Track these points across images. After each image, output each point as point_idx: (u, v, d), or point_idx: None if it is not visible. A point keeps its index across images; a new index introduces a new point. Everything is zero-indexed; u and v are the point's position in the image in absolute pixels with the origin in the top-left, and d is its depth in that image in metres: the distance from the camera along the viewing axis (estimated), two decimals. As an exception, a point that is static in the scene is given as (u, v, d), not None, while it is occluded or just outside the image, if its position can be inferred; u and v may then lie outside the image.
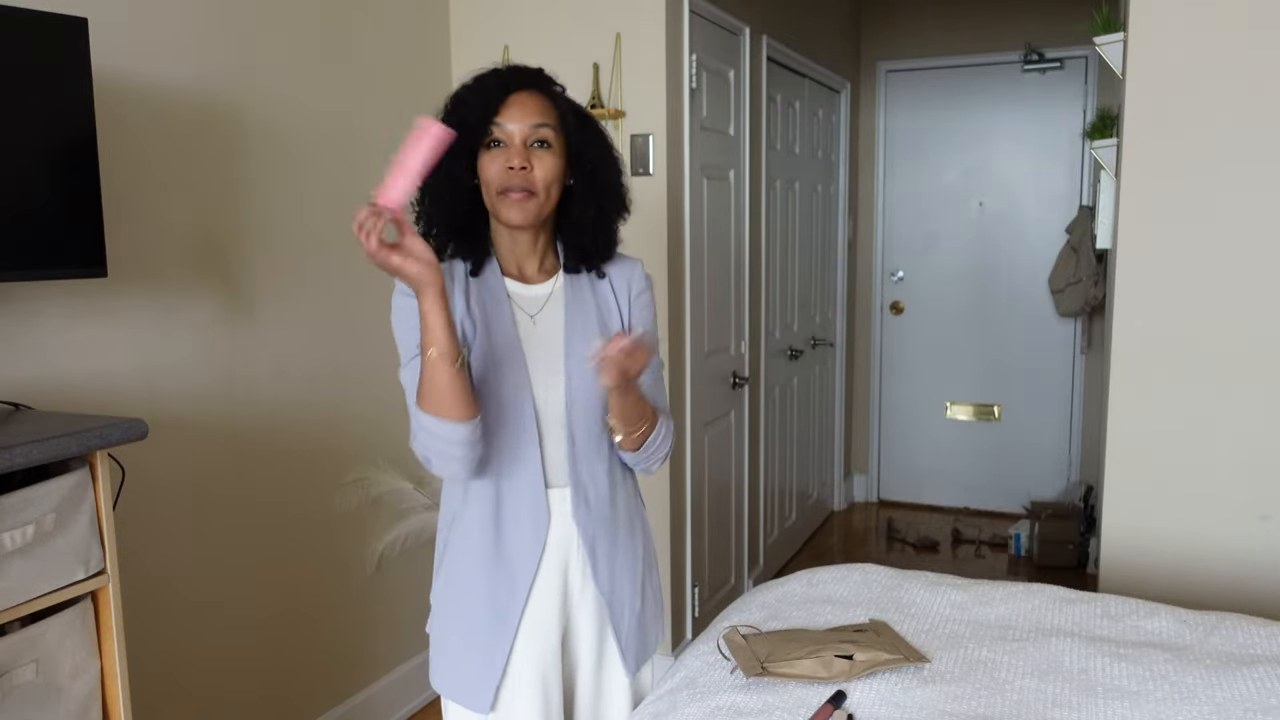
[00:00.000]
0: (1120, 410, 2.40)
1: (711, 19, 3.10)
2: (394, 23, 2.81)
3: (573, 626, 1.54)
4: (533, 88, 1.44)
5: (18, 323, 1.85)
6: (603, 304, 1.54)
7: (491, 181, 1.42)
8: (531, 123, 1.41)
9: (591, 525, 1.50)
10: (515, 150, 1.41)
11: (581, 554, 1.50)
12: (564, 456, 1.47)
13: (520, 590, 1.47)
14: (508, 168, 1.40)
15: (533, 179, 1.41)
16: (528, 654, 1.49)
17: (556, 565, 1.49)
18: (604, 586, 1.52)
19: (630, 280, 1.56)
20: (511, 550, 1.46)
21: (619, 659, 1.57)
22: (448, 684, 1.53)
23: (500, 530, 1.46)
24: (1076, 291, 4.43)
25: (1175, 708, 1.45)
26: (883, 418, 5.15)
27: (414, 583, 2.94)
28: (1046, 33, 4.55)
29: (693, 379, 3.06)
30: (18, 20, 1.59)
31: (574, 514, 1.48)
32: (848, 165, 4.80)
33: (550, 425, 1.47)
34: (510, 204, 1.42)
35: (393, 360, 1.54)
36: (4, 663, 1.46)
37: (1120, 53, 2.41)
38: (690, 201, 2.97)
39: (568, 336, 1.48)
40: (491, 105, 1.41)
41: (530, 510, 1.46)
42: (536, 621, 1.49)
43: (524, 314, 1.49)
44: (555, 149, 1.43)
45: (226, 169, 2.29)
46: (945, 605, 1.84)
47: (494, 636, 1.48)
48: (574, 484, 1.48)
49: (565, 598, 1.51)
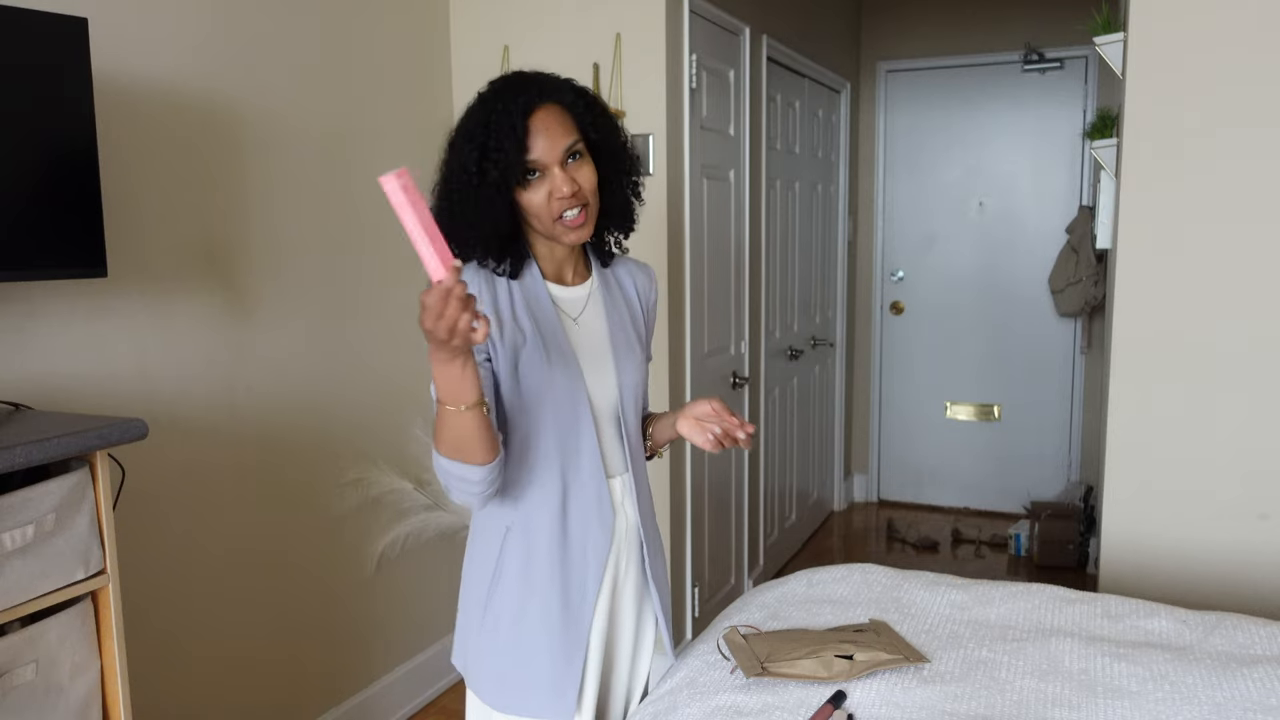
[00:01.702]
0: (1120, 410, 2.40)
1: (711, 19, 3.10)
2: (394, 23, 2.81)
3: (616, 609, 1.56)
4: (546, 100, 1.39)
5: (18, 323, 1.85)
6: (630, 304, 1.59)
7: (542, 212, 1.38)
8: (561, 137, 1.37)
9: (645, 513, 1.56)
10: (559, 177, 1.36)
11: (634, 541, 1.55)
12: (618, 448, 1.52)
13: (592, 585, 1.47)
14: (557, 198, 1.37)
15: (583, 195, 1.39)
16: (594, 646, 1.50)
17: (614, 554, 1.52)
18: (653, 571, 1.58)
19: (649, 289, 1.64)
20: (580, 543, 1.47)
21: (662, 636, 1.64)
22: (524, 702, 1.46)
23: (567, 525, 1.46)
24: (1076, 291, 4.43)
25: (1175, 708, 1.45)
26: (883, 418, 5.15)
27: (414, 583, 2.94)
28: (1046, 33, 4.55)
29: (693, 379, 3.06)
30: (18, 20, 1.59)
31: (635, 502, 1.54)
32: (848, 165, 4.80)
33: (605, 419, 1.50)
34: (570, 229, 1.40)
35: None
36: (4, 663, 1.46)
37: (1120, 53, 2.41)
38: (690, 201, 2.97)
39: (611, 335, 1.52)
40: (521, 140, 1.34)
41: (595, 500, 1.48)
42: (600, 613, 1.51)
43: (567, 317, 1.50)
44: (585, 153, 1.41)
45: (226, 169, 2.29)
46: (945, 605, 1.84)
47: (572, 638, 1.46)
48: (633, 473, 1.53)
49: (614, 584, 1.54)
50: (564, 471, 1.45)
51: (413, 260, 2.77)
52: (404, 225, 1.09)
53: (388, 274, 2.77)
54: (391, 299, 2.78)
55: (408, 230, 1.09)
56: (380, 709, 2.81)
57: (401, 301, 2.81)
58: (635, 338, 1.55)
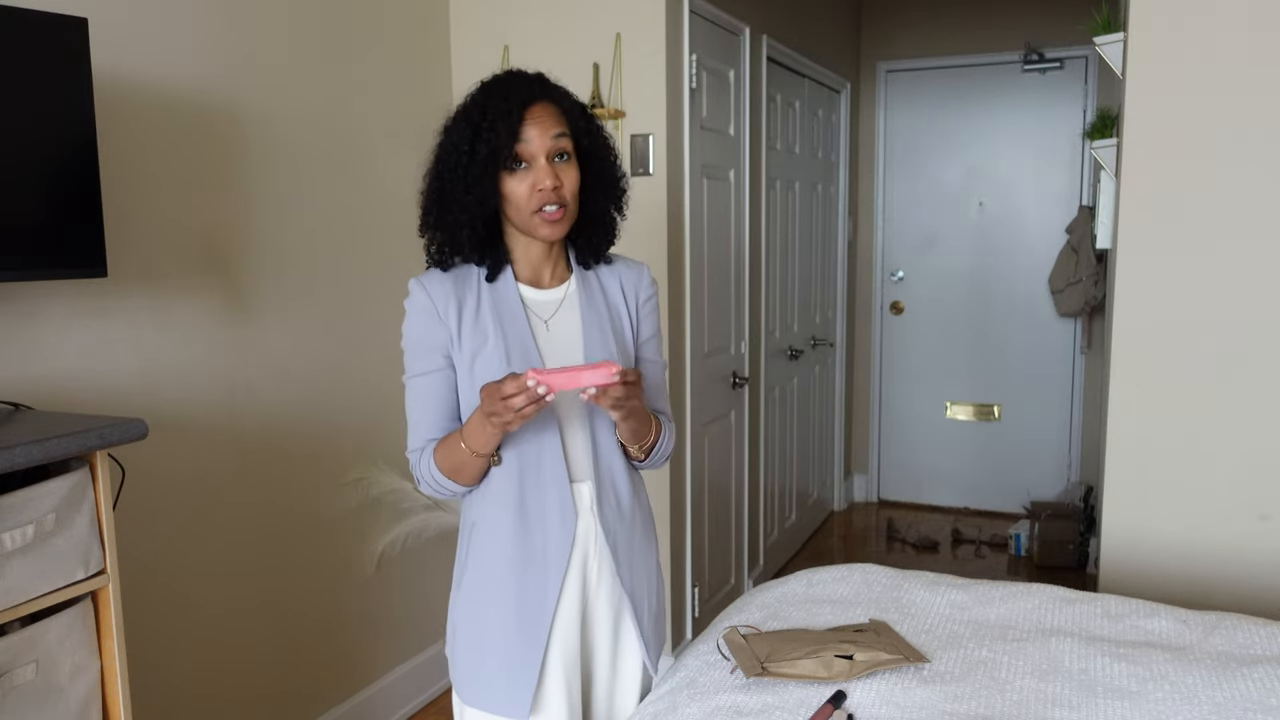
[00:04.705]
0: (1120, 410, 2.40)
1: (711, 19, 3.10)
2: (394, 23, 2.81)
3: (589, 619, 1.55)
4: (544, 98, 1.44)
5: (18, 323, 1.85)
6: (613, 307, 1.56)
7: (522, 202, 1.42)
8: (552, 134, 1.41)
9: (613, 520, 1.52)
10: (543, 170, 1.41)
11: (603, 549, 1.52)
12: (586, 454, 1.50)
13: (552, 588, 1.48)
14: (538, 189, 1.41)
15: (563, 194, 1.43)
16: (557, 651, 1.50)
17: (579, 560, 1.51)
18: (625, 581, 1.54)
19: (639, 286, 1.60)
20: (541, 547, 1.47)
21: (638, 650, 1.59)
22: (482, 697, 1.50)
23: (528, 528, 1.47)
24: (1076, 291, 4.43)
25: (1175, 708, 1.45)
26: (883, 418, 5.15)
27: (414, 583, 2.94)
28: (1046, 33, 4.55)
29: (693, 379, 3.06)
30: (18, 20, 1.59)
31: (598, 509, 1.51)
32: (848, 165, 4.80)
33: (572, 424, 1.49)
34: (546, 223, 1.43)
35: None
36: (4, 663, 1.46)
37: (1120, 53, 2.41)
38: (690, 201, 2.97)
39: (585, 339, 1.51)
40: (514, 127, 1.39)
41: (558, 504, 1.47)
42: (564, 618, 1.50)
43: (538, 319, 1.51)
44: (572, 156, 1.45)
45: (226, 168, 2.29)
46: (945, 605, 1.84)
47: (528, 639, 1.47)
48: (597, 480, 1.50)
49: (584, 591, 1.53)
50: (523, 473, 1.47)
51: (412, 260, 2.77)
52: (579, 372, 1.30)
53: (388, 274, 2.77)
54: (391, 299, 2.77)
55: (574, 373, 1.30)
56: (380, 709, 2.81)
57: (402, 300, 2.80)
58: (615, 341, 1.53)
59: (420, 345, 1.48)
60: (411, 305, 1.49)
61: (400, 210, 2.78)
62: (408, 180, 2.78)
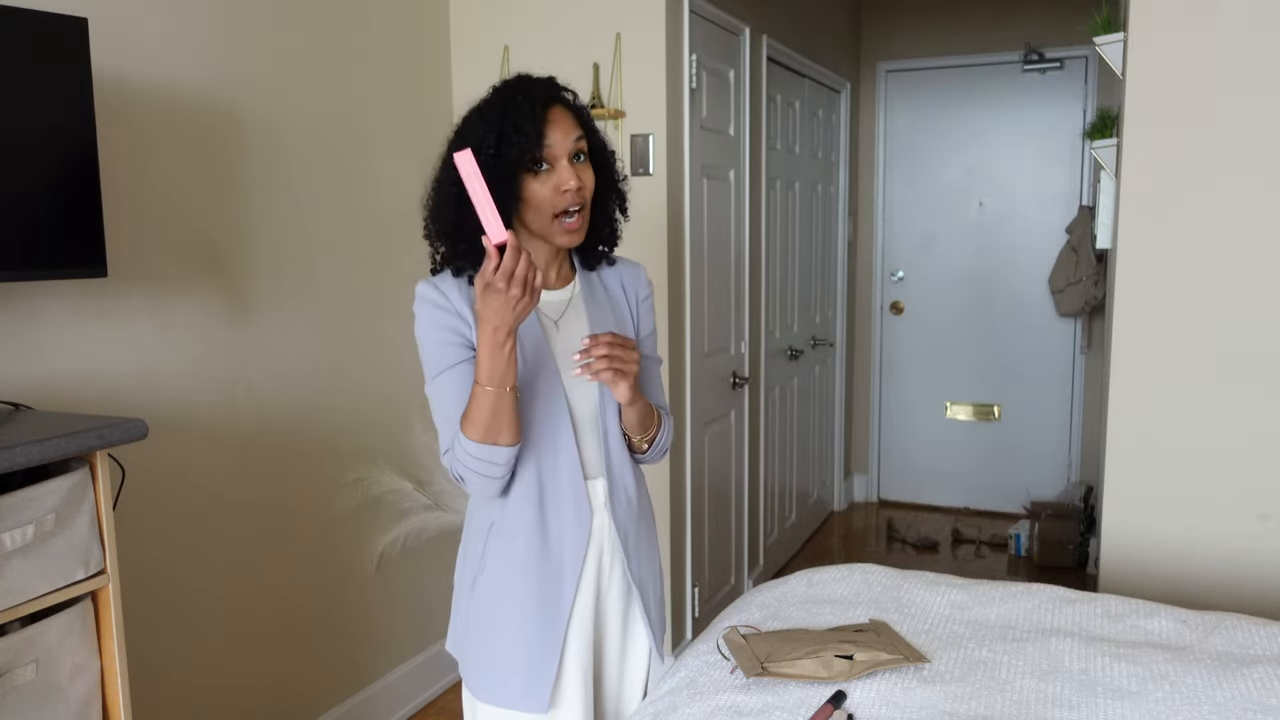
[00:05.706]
0: (1120, 410, 2.40)
1: (711, 19, 3.10)
2: (394, 23, 2.81)
3: (601, 611, 1.57)
4: (559, 102, 1.44)
5: (18, 323, 1.85)
6: (616, 305, 1.59)
7: (544, 204, 1.41)
8: (573, 136, 1.42)
9: (624, 515, 1.55)
10: (566, 170, 1.40)
11: (615, 543, 1.55)
12: (598, 451, 1.52)
13: (569, 585, 1.50)
14: (563, 190, 1.40)
15: (585, 194, 1.43)
16: (573, 646, 1.52)
17: (594, 555, 1.53)
18: (635, 573, 1.57)
19: (638, 285, 1.63)
20: (558, 543, 1.49)
21: (646, 637, 1.62)
22: (500, 694, 1.51)
23: (545, 525, 1.48)
24: (1076, 291, 4.43)
25: (1175, 708, 1.45)
26: (883, 418, 5.15)
27: (414, 583, 2.94)
28: (1046, 33, 4.55)
29: (693, 379, 3.06)
30: (18, 20, 1.59)
31: (610, 505, 1.53)
32: (848, 165, 4.80)
33: (584, 422, 1.51)
34: (565, 231, 1.43)
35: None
36: (4, 663, 1.46)
37: (1120, 53, 2.41)
38: (690, 201, 2.97)
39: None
40: (540, 128, 1.39)
41: (572, 501, 1.49)
42: (580, 613, 1.52)
43: (548, 319, 1.52)
44: (588, 158, 1.46)
45: (226, 168, 2.29)
46: (945, 605, 1.84)
47: (546, 634, 1.49)
48: (609, 476, 1.53)
49: (598, 585, 1.55)
50: (540, 472, 1.48)
51: (413, 261, 2.77)
52: (472, 193, 1.24)
53: (388, 274, 2.77)
54: (391, 299, 2.77)
55: (475, 197, 1.24)
56: (380, 709, 2.81)
57: (402, 301, 2.81)
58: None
59: (440, 341, 1.45)
60: (423, 304, 1.46)
61: (400, 210, 2.78)
62: (408, 180, 2.79)
